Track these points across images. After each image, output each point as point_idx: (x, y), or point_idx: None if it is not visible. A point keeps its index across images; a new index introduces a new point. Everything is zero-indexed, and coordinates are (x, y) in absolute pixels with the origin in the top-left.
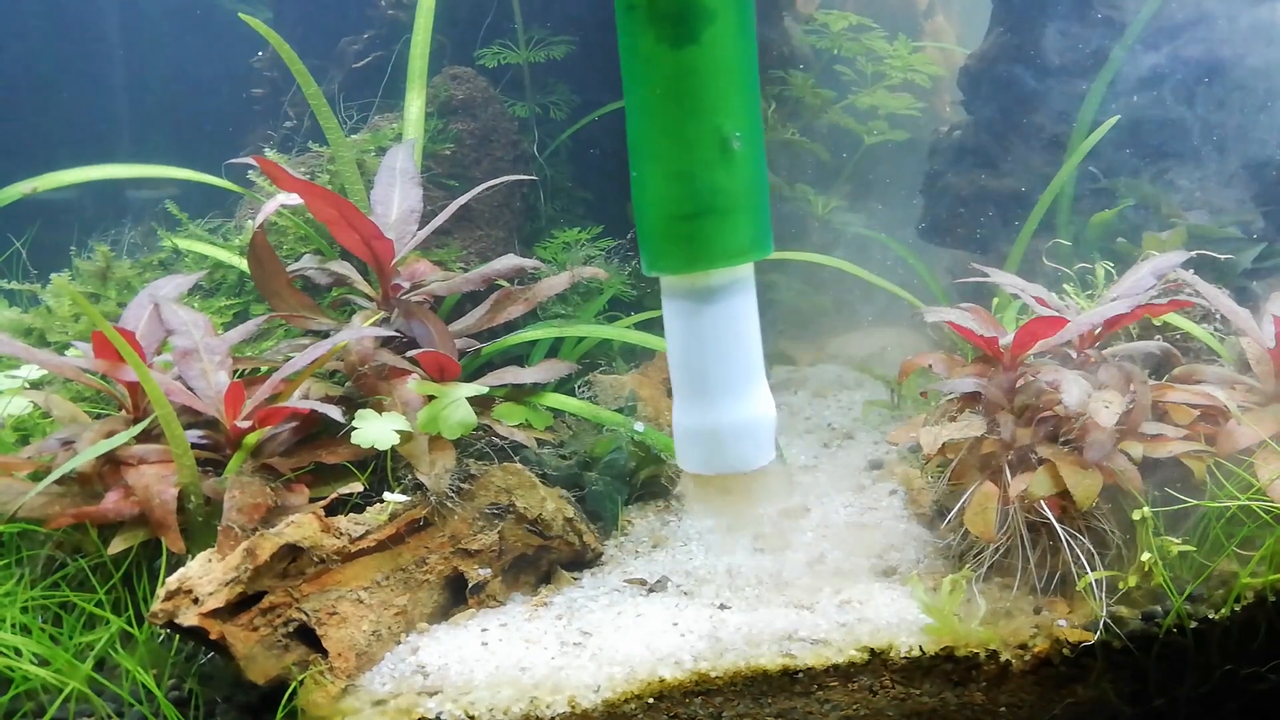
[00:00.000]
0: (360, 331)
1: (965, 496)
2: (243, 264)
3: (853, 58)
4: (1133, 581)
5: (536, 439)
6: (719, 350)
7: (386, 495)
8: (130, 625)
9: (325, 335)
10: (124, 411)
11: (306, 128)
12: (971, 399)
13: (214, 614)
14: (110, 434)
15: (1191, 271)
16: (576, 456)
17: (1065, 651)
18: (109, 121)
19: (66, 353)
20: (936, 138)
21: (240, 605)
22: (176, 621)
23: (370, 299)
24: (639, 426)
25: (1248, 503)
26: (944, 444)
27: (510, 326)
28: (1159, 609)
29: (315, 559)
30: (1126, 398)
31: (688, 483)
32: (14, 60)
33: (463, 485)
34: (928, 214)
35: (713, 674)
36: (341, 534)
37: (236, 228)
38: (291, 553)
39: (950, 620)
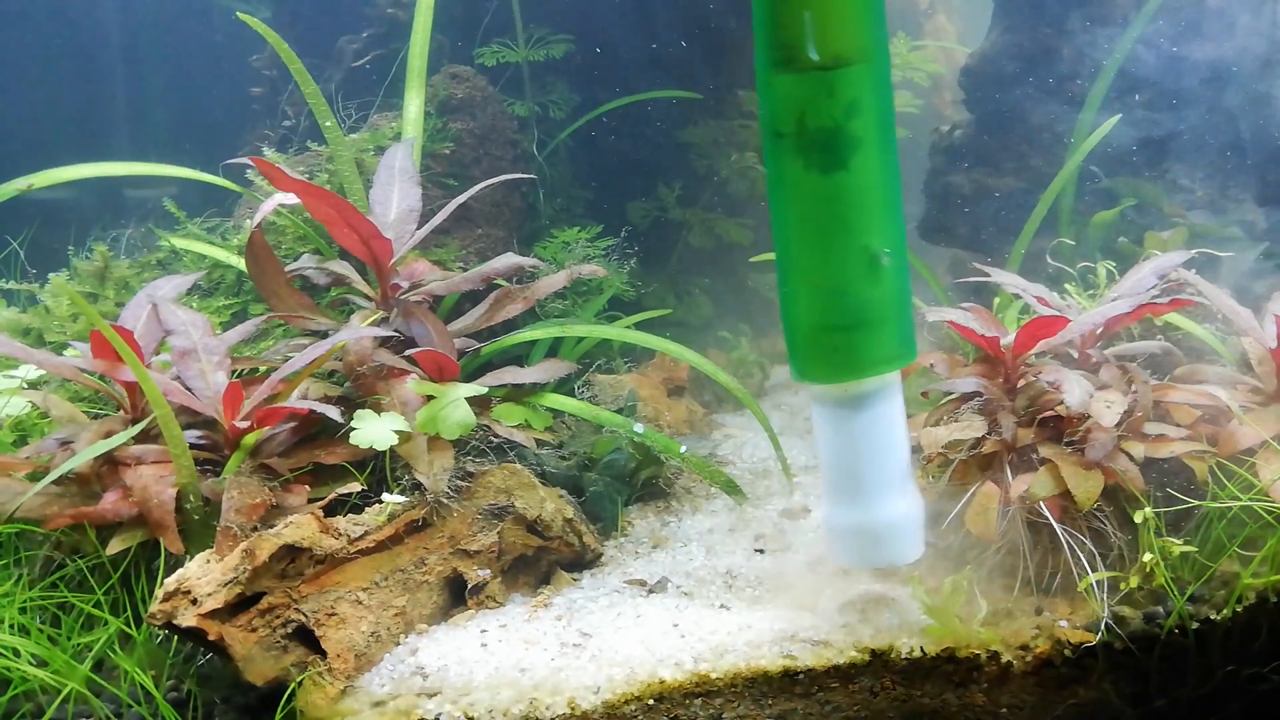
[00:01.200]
0: (359, 331)
1: (966, 497)
2: (241, 264)
3: None
4: (1134, 582)
5: (536, 439)
6: (870, 453)
7: (385, 496)
8: (129, 626)
9: (324, 335)
10: (122, 412)
11: (305, 127)
12: (973, 399)
13: (212, 615)
14: (108, 434)
15: (1193, 271)
16: (576, 457)
17: (1067, 652)
18: (107, 120)
19: (64, 353)
20: (938, 137)
21: (239, 606)
22: (175, 622)
23: (369, 299)
24: (639, 427)
25: (1249, 503)
26: (945, 444)
27: (509, 326)
28: (1161, 610)
29: (314, 560)
30: (1128, 398)
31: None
32: (13, 59)
33: (462, 486)
34: (929, 213)
35: (713, 675)
36: (340, 535)
37: (235, 227)
38: (290, 553)
39: (951, 621)
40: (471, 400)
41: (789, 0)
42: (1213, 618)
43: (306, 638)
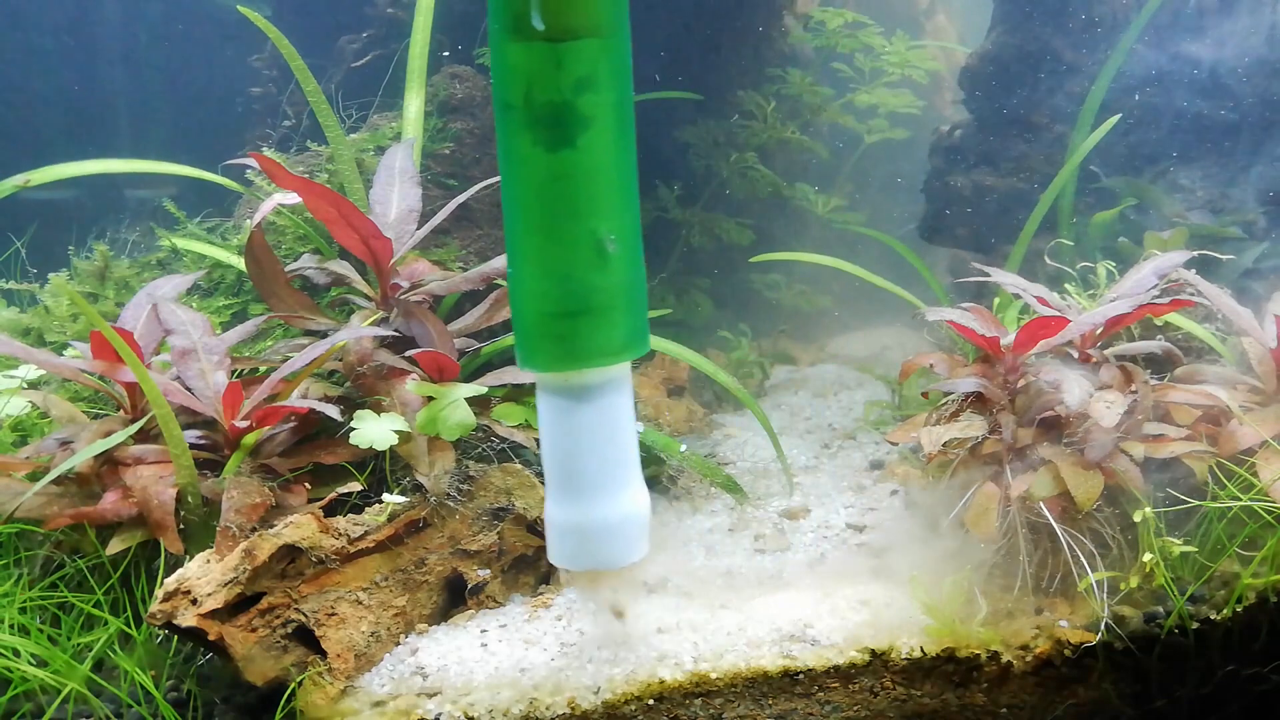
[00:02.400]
0: (359, 331)
1: (966, 497)
2: (241, 263)
3: (850, 54)
4: (1134, 582)
5: (536, 439)
6: (592, 448)
7: (385, 496)
8: (128, 626)
9: (324, 335)
10: (122, 412)
11: (305, 126)
12: (973, 399)
13: (212, 615)
14: (108, 434)
15: (1193, 271)
16: None
17: (1067, 652)
18: (107, 119)
19: (64, 353)
20: (938, 137)
21: (239, 606)
22: (175, 622)
23: (369, 299)
24: (639, 427)
25: (1249, 503)
26: (945, 444)
27: (509, 326)
28: (1161, 610)
29: (314, 560)
30: (1128, 398)
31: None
32: (13, 59)
33: (462, 486)
34: (929, 213)
35: (713, 675)
36: (340, 535)
37: (235, 227)
38: (290, 553)
39: (951, 621)
40: (471, 400)
41: None
42: (1213, 618)
43: (306, 638)
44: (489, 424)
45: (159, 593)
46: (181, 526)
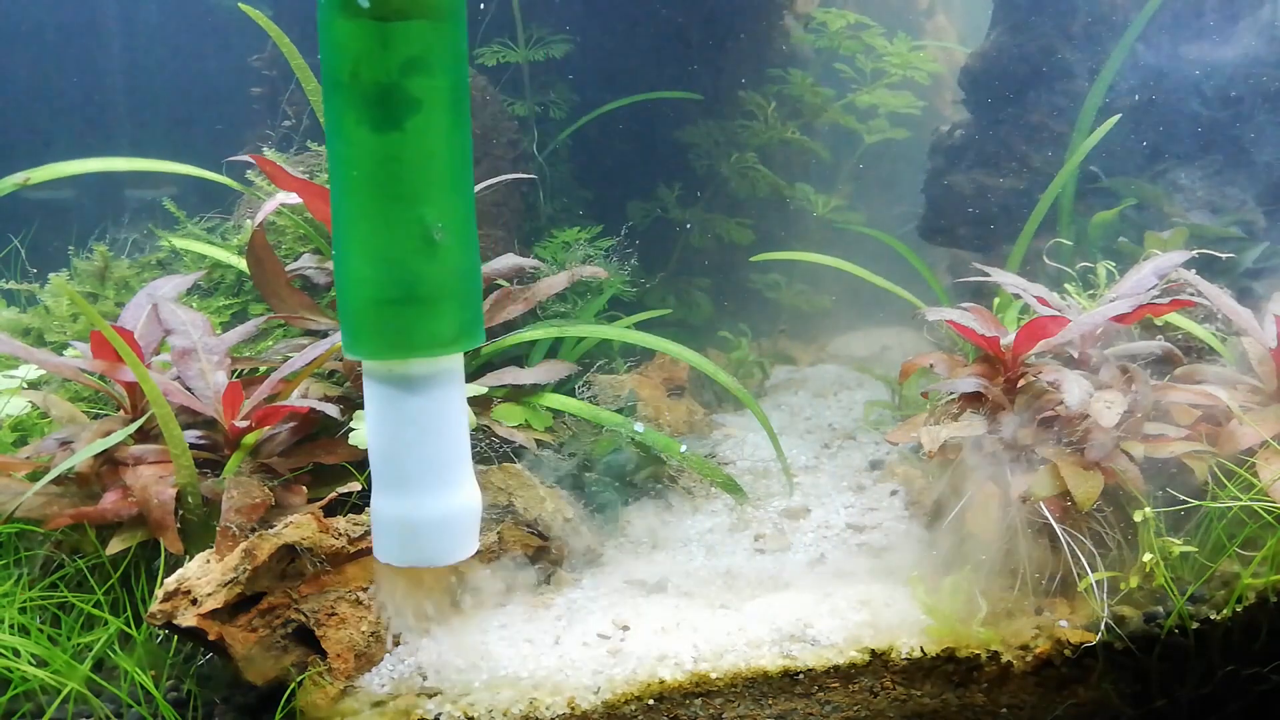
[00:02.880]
0: None
1: (966, 497)
2: (241, 263)
3: (851, 55)
4: (1134, 582)
5: (536, 439)
6: (419, 441)
7: None
8: (129, 626)
9: (324, 335)
10: (122, 412)
11: (306, 126)
12: (973, 399)
13: (212, 615)
14: (108, 434)
15: (1193, 271)
16: (576, 457)
17: (1067, 652)
18: (107, 119)
19: (65, 353)
20: (938, 137)
21: (239, 606)
22: (175, 622)
23: None
24: (639, 427)
25: (1249, 503)
26: (945, 444)
27: (509, 326)
28: (1160, 610)
29: (314, 560)
30: (1128, 398)
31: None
32: (12, 58)
33: None
34: (929, 213)
35: (713, 675)
36: (340, 535)
37: (235, 227)
38: (290, 553)
39: (951, 621)
40: (472, 400)
41: None
42: (1213, 617)
43: (306, 638)
44: (489, 424)
45: (159, 593)
46: (181, 526)
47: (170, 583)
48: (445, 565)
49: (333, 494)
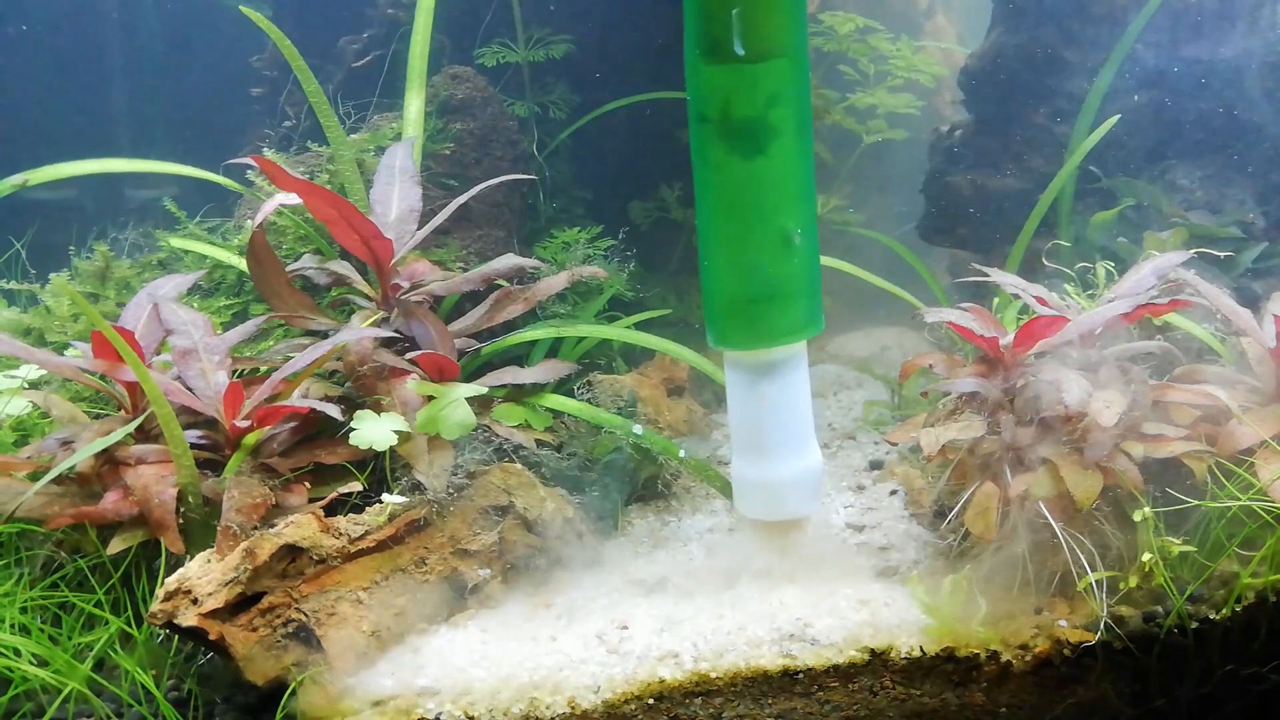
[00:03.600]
0: (359, 332)
1: (966, 497)
2: (242, 264)
3: (856, 59)
4: (1133, 582)
5: (536, 439)
6: (776, 415)
7: (385, 496)
8: (129, 626)
9: (324, 335)
10: (123, 412)
11: (305, 127)
12: (972, 399)
13: (213, 614)
14: (108, 434)
15: (1192, 271)
16: (576, 457)
17: (1066, 652)
18: (107, 120)
19: (65, 353)
20: (937, 137)
21: (239, 606)
22: (175, 622)
23: (369, 299)
24: (638, 429)
25: (1248, 503)
26: (944, 444)
27: (510, 326)
28: (1160, 609)
29: (314, 559)
30: (1127, 398)
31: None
32: (12, 58)
33: (461, 485)
34: (928, 213)
35: (713, 674)
36: (341, 534)
37: (235, 227)
38: (291, 553)
39: (951, 621)
40: (472, 400)
41: None
42: (1212, 617)
43: (307, 637)
44: (489, 424)
45: (160, 592)
46: (182, 526)
47: (171, 582)
48: (799, 517)
49: (333, 494)
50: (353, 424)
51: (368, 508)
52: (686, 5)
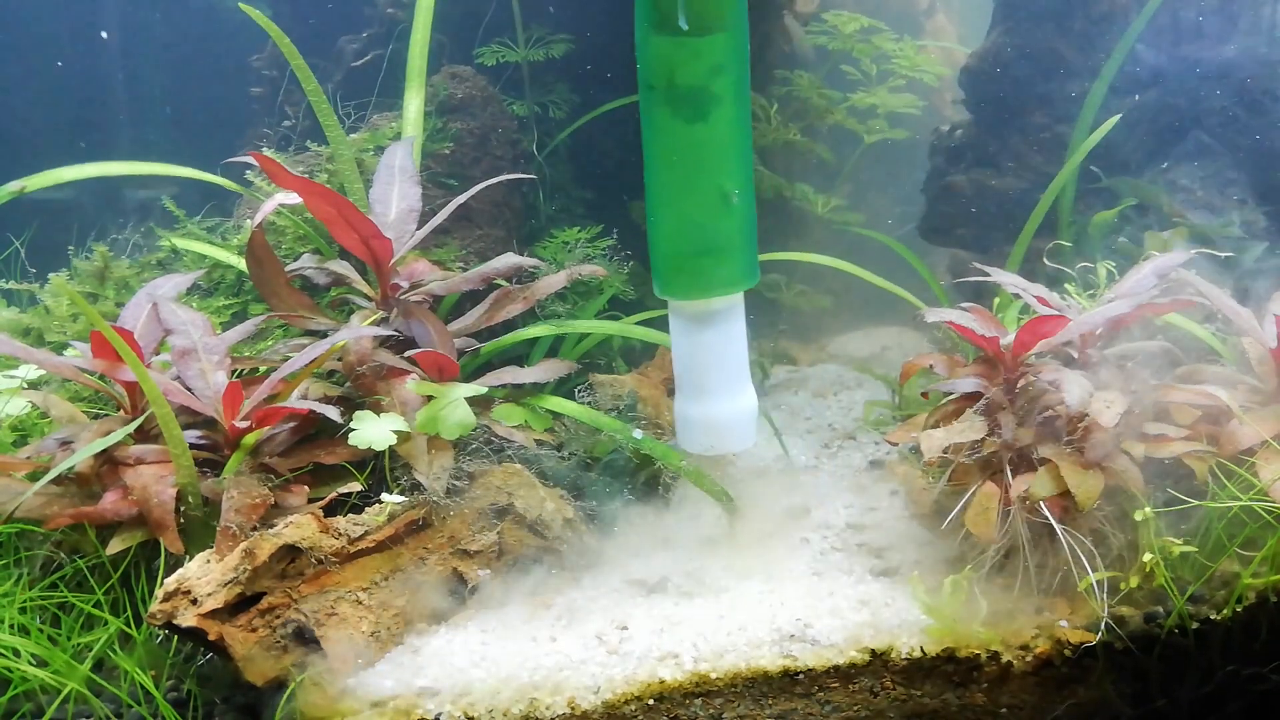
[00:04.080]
0: (358, 331)
1: (966, 497)
2: (241, 263)
3: (858, 58)
4: (1134, 582)
5: (536, 439)
6: (716, 359)
7: (384, 496)
8: (129, 626)
9: (324, 335)
10: (122, 412)
11: (305, 126)
12: (972, 399)
13: (212, 615)
14: (108, 434)
15: (1193, 271)
16: (576, 457)
17: (1067, 652)
18: (106, 120)
19: (64, 353)
20: (938, 137)
21: (239, 606)
22: (175, 622)
23: (369, 299)
24: (637, 433)
25: (1249, 503)
26: (945, 447)
27: (509, 325)
28: (1161, 609)
29: (314, 560)
30: (1128, 398)
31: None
32: (12, 59)
33: (461, 486)
34: (929, 213)
35: (713, 675)
36: (340, 535)
37: (235, 227)
38: (290, 553)
39: (951, 621)
40: (471, 400)
41: None
42: (1213, 617)
43: (306, 638)
44: (489, 424)
45: (159, 593)
46: (181, 526)
47: (170, 583)
48: (736, 451)
49: (333, 494)
50: (352, 424)
51: (367, 508)
52: None
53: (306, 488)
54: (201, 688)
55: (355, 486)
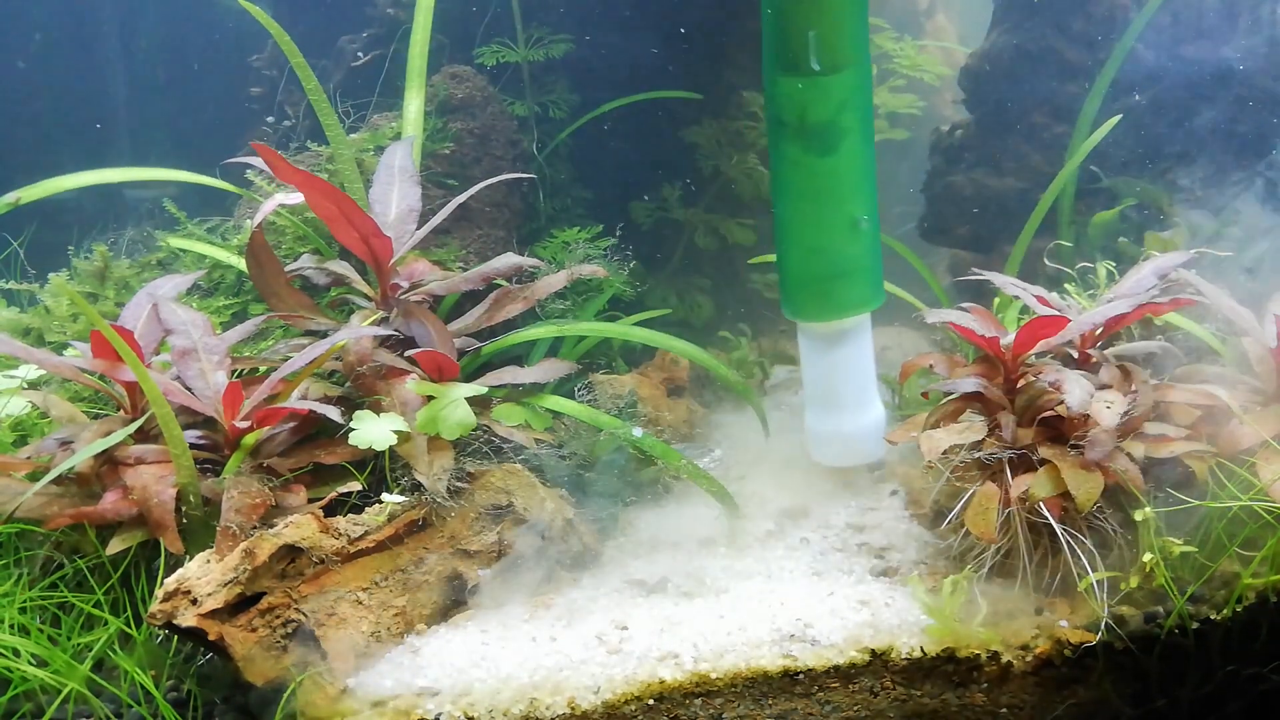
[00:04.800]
0: (358, 331)
1: (966, 497)
2: (241, 263)
3: None
4: (1134, 582)
5: (536, 439)
6: (845, 376)
7: (385, 496)
8: (129, 626)
9: (324, 335)
10: (122, 412)
11: (305, 127)
12: (972, 399)
13: (212, 615)
14: (108, 434)
15: (1193, 271)
16: (576, 457)
17: (1067, 652)
18: (105, 121)
19: (64, 353)
20: (938, 137)
21: (239, 606)
22: (175, 622)
23: (369, 299)
24: (637, 432)
25: (1249, 503)
26: (945, 449)
27: (509, 325)
28: (1160, 609)
29: (314, 560)
30: (1128, 398)
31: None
32: (11, 59)
33: (461, 485)
34: (928, 213)
35: (713, 675)
36: (340, 535)
37: (235, 227)
38: (290, 553)
39: (951, 621)
40: (471, 400)
41: (796, 19)
42: (1213, 617)
43: (306, 638)
44: (489, 424)
45: (159, 592)
46: (181, 526)
47: (170, 583)
48: (866, 463)
49: (333, 494)
50: (352, 424)
51: (367, 508)
52: (765, 26)
53: (306, 488)
54: (201, 688)
55: (355, 486)
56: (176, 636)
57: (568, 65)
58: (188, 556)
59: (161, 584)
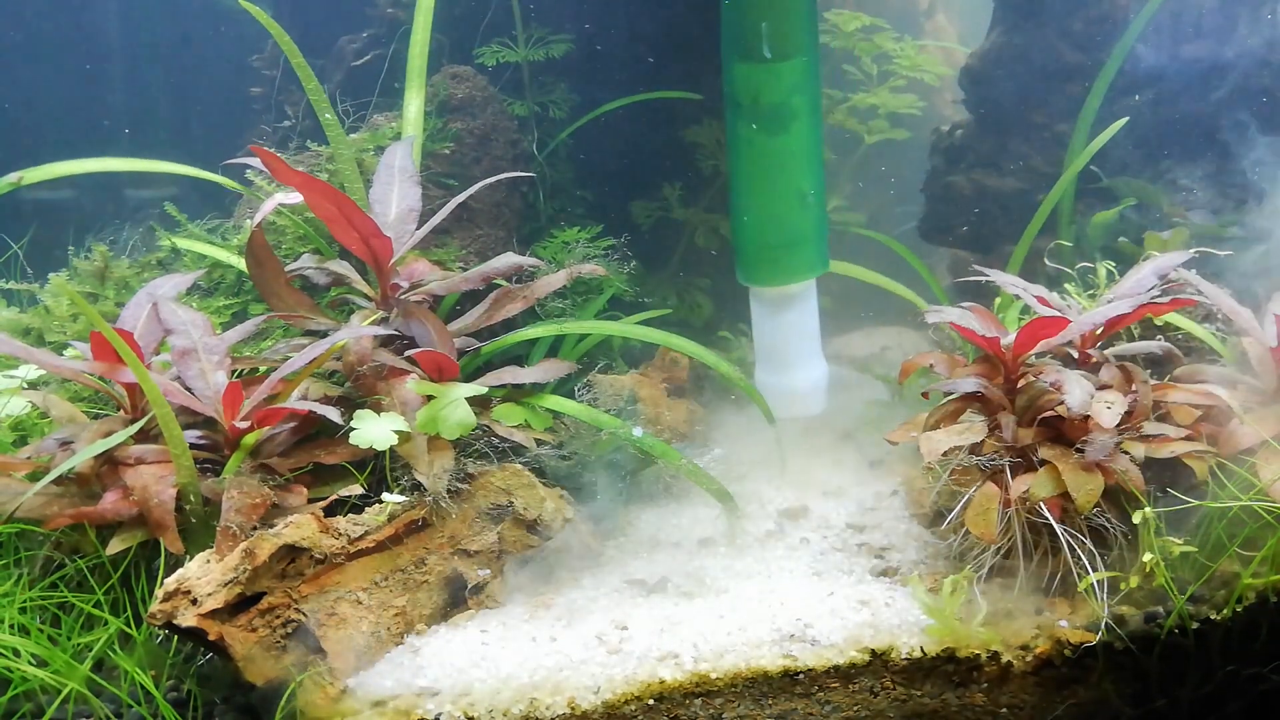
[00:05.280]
0: (358, 331)
1: (966, 497)
2: (241, 263)
3: (859, 57)
4: (1134, 582)
5: (536, 439)
6: (790, 337)
7: (385, 496)
8: (129, 626)
9: (324, 335)
10: (122, 412)
11: (305, 126)
12: (972, 399)
13: (212, 615)
14: (108, 434)
15: (1193, 271)
16: (577, 456)
17: (1067, 652)
18: (105, 120)
19: (64, 353)
20: (938, 137)
21: (239, 606)
22: (175, 622)
23: (369, 298)
24: (637, 431)
25: (1249, 503)
26: (945, 451)
27: (509, 325)
28: (1161, 610)
29: (314, 560)
30: (1128, 398)
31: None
32: (11, 58)
33: (461, 486)
34: (929, 213)
35: (713, 675)
36: (340, 535)
37: (235, 227)
38: (290, 553)
39: (951, 621)
40: (471, 400)
41: (751, 11)
42: (1213, 618)
43: (306, 638)
44: (489, 424)
45: (159, 593)
46: (181, 526)
47: (170, 583)
48: (812, 414)
49: (333, 494)
50: (352, 424)
51: (367, 508)
52: (724, 16)
53: (306, 488)
54: (201, 688)
55: (355, 487)
56: (176, 636)
57: (568, 65)
58: (188, 556)
59: (161, 584)
